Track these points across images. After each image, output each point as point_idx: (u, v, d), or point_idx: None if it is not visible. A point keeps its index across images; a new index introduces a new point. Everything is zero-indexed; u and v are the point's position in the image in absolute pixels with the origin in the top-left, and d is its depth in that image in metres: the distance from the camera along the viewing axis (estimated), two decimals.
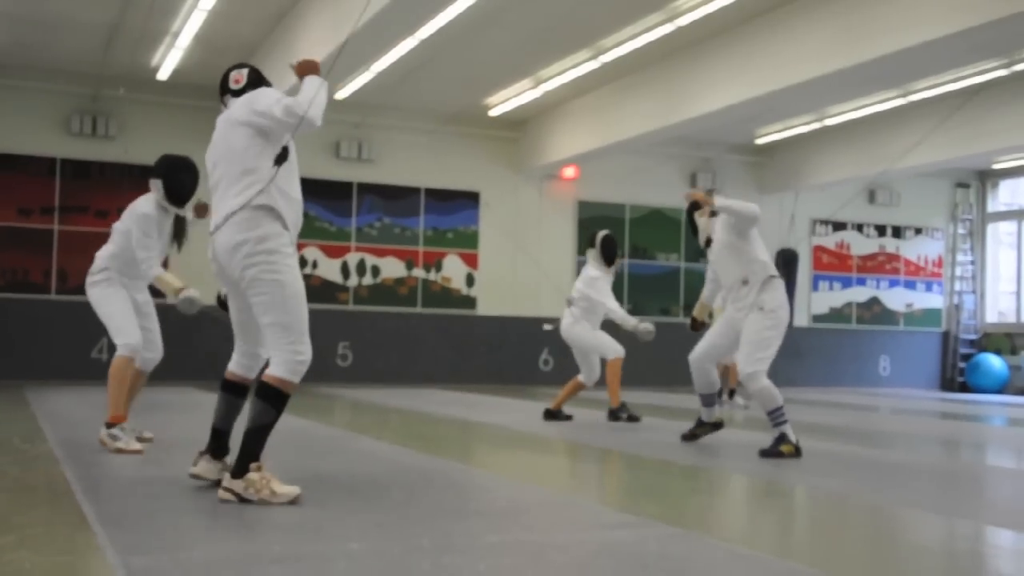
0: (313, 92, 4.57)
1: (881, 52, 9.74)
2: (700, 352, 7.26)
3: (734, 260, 6.91)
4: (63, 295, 13.77)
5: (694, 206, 7.19)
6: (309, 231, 15.12)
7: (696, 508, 5.03)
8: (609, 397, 9.26)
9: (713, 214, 7.05)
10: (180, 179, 6.37)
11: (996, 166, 18.33)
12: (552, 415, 9.31)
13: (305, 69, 4.75)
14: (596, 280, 9.19)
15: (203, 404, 10.46)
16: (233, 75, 4.93)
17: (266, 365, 4.68)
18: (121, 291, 6.42)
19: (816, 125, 15.64)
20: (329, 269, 15.22)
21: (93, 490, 4.71)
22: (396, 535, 3.91)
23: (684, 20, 11.00)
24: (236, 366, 4.90)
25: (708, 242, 7.09)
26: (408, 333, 15.48)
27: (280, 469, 4.95)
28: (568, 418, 9.29)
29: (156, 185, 6.31)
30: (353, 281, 15.37)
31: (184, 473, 5.18)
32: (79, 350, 13.57)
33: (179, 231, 6.60)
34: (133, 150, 14.07)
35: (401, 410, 10.55)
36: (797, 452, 6.70)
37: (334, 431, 8.29)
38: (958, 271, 19.19)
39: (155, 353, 6.73)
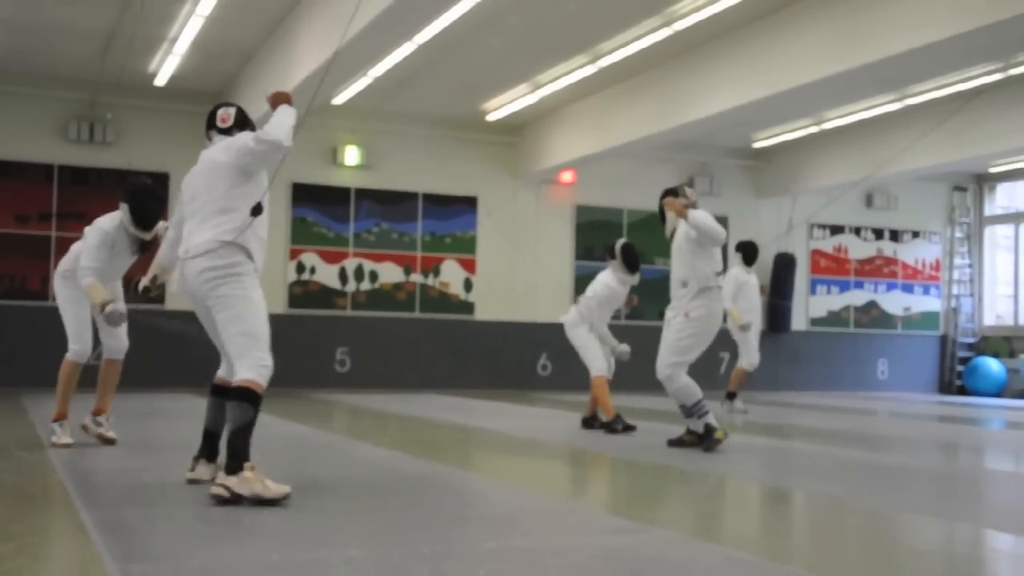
0: (282, 118, 4.96)
1: (877, 56, 9.75)
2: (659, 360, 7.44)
3: (683, 262, 7.32)
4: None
5: (669, 192, 7.53)
6: (307, 237, 15.13)
7: (694, 513, 5.03)
8: (603, 411, 9.01)
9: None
10: (147, 207, 6.68)
11: (993, 169, 18.35)
12: (588, 423, 9.12)
13: (278, 100, 5.10)
14: (611, 295, 9.04)
15: (200, 410, 10.45)
16: (220, 113, 5.27)
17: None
18: (76, 292, 6.91)
19: (813, 129, 15.65)
20: (327, 275, 15.21)
21: (91, 497, 4.70)
22: (395, 541, 3.90)
23: (681, 25, 11.00)
24: (224, 372, 5.24)
25: (672, 235, 7.45)
26: (406, 338, 15.47)
27: (279, 475, 4.93)
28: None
29: (124, 208, 6.66)
30: (351, 286, 15.36)
31: (182, 479, 5.18)
32: None
33: (144, 248, 6.95)
34: (131, 156, 14.07)
35: (400, 416, 10.54)
36: (725, 435, 7.24)
37: (333, 437, 8.28)
38: (956, 274, 19.20)
39: (120, 343, 7.15)
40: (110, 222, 6.75)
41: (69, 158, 13.98)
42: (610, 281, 9.04)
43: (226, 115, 5.24)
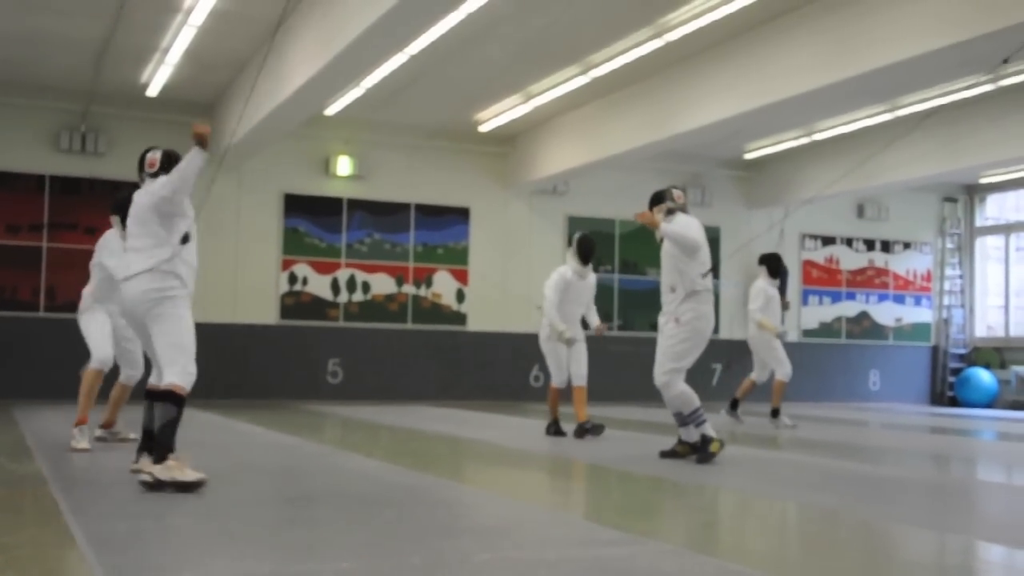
0: (186, 164, 5.63)
1: (869, 67, 9.79)
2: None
3: (670, 267, 7.35)
4: (52, 312, 13.71)
5: (656, 197, 7.49)
6: (299, 247, 15.11)
7: (687, 524, 5.02)
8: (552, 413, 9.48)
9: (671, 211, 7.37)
10: None
11: (983, 180, 18.42)
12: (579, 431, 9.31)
13: (194, 138, 5.65)
14: (565, 284, 9.11)
15: (191, 421, 10.42)
16: (148, 158, 5.95)
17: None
18: (101, 315, 7.52)
19: (805, 140, 15.70)
20: (319, 285, 15.19)
21: (82, 510, 4.68)
22: (387, 553, 3.89)
23: (673, 36, 11.04)
24: (155, 379, 5.81)
25: (662, 240, 7.40)
26: (398, 349, 15.45)
27: (270, 486, 4.93)
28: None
29: (115, 221, 7.30)
30: (343, 297, 15.34)
31: (174, 493, 5.17)
32: (68, 368, 13.42)
33: None
34: (123, 167, 14.05)
35: (391, 427, 10.52)
36: (722, 445, 7.20)
37: (324, 448, 8.26)
38: (947, 285, 19.26)
39: (136, 370, 7.79)
40: (111, 233, 7.48)
41: (60, 168, 13.96)
42: (564, 271, 9.18)
43: (153, 159, 5.93)
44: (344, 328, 15.24)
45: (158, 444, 5.41)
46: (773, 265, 11.65)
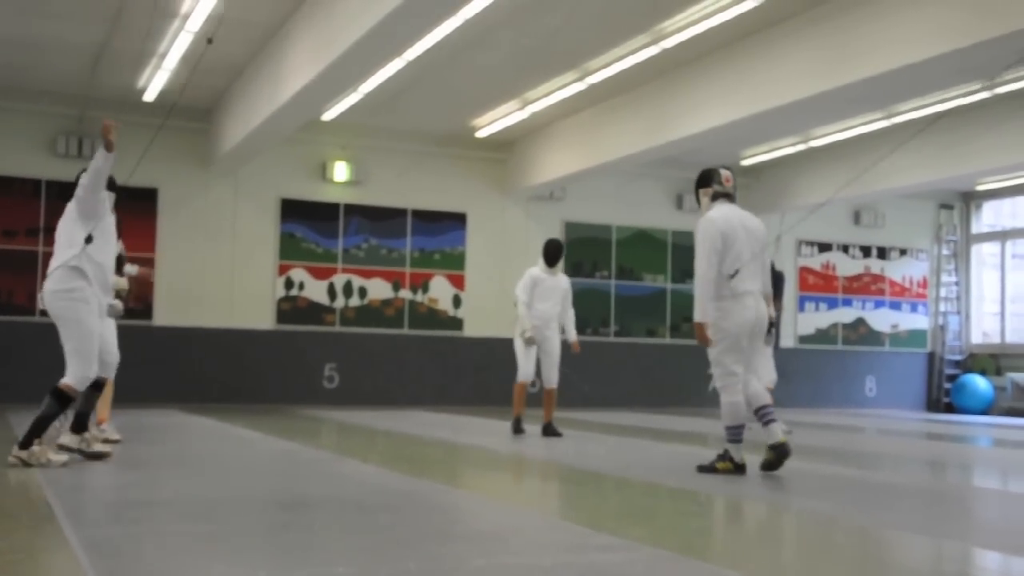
0: (92, 166, 6.29)
1: (864, 74, 9.81)
2: None
3: None
4: (47, 317, 13.66)
5: (702, 180, 6.95)
6: (296, 252, 15.11)
7: (683, 531, 5.02)
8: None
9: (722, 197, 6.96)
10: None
11: (979, 187, 18.45)
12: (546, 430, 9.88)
13: (102, 133, 6.31)
14: (533, 282, 9.78)
15: (189, 425, 10.41)
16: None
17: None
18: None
19: (801, 146, 15.72)
20: (316, 290, 15.18)
21: (76, 515, 4.67)
22: (382, 559, 3.88)
23: (670, 42, 11.06)
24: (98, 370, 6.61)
25: None
26: (395, 355, 15.44)
27: (266, 491, 4.93)
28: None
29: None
30: (340, 302, 15.34)
31: (170, 495, 5.16)
32: (62, 373, 13.45)
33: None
34: (119, 172, 14.02)
35: (388, 432, 10.51)
36: (736, 470, 6.83)
37: (320, 453, 8.25)
38: (943, 292, 19.28)
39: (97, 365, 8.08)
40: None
41: (57, 173, 13.94)
42: (533, 270, 9.84)
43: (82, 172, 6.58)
44: (340, 333, 15.23)
45: (31, 431, 6.26)
46: (777, 285, 11.43)
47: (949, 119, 13.28)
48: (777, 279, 14.61)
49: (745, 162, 17.01)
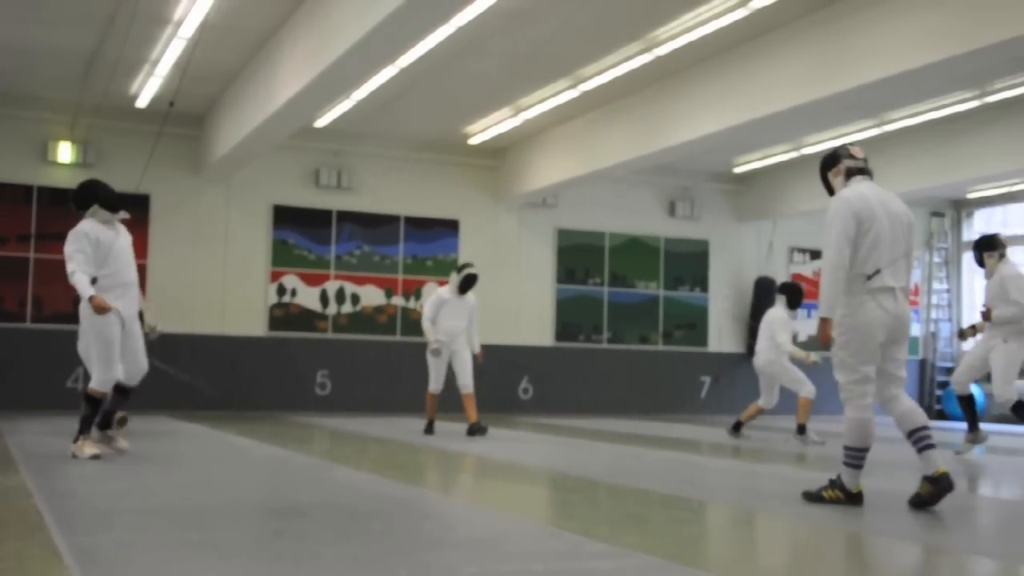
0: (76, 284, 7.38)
1: (857, 82, 9.84)
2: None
3: None
4: (38, 324, 13.66)
5: (829, 162, 6.19)
6: (288, 259, 15.09)
7: (676, 538, 5.01)
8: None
9: None
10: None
11: (971, 195, 18.50)
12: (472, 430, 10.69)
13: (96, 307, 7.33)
14: (440, 302, 10.66)
15: (180, 432, 10.38)
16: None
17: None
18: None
19: (794, 154, 15.76)
20: (308, 297, 15.17)
21: (67, 523, 4.65)
22: (374, 566, 3.87)
23: (663, 50, 11.09)
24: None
25: None
26: (387, 361, 15.42)
27: (257, 498, 4.91)
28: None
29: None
30: (332, 309, 15.32)
31: (162, 503, 5.14)
32: (54, 380, 13.45)
33: None
34: (112, 177, 14.00)
35: (380, 439, 10.50)
36: (848, 500, 5.78)
37: (312, 460, 8.23)
38: (934, 299, 19.32)
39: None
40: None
41: (49, 179, 13.92)
42: (442, 291, 10.79)
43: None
44: (333, 340, 15.21)
45: (77, 430, 7.31)
46: (795, 297, 11.35)
47: (940, 127, 13.34)
48: (769, 288, 14.60)
49: (737, 169, 17.05)
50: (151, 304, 8.34)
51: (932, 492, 5.65)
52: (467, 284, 10.69)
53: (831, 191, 6.12)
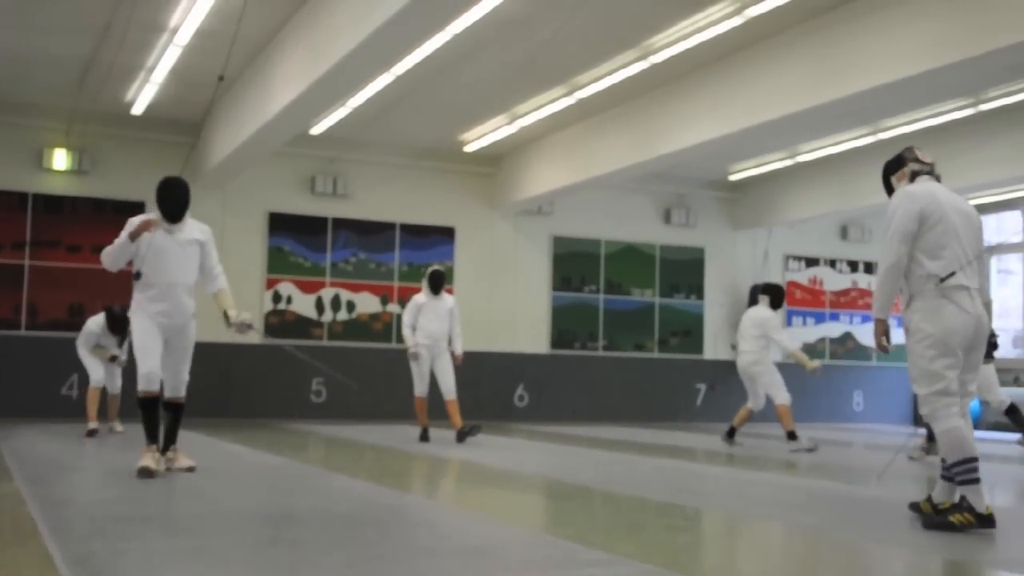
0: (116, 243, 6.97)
1: (851, 90, 9.86)
2: None
3: None
4: (33, 331, 13.62)
5: (893, 166, 5.82)
6: (283, 266, 15.08)
7: (671, 545, 5.01)
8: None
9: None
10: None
11: None
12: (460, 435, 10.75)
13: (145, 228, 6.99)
14: (416, 307, 10.84)
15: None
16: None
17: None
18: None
19: (789, 162, 15.78)
20: (303, 304, 15.15)
21: (60, 530, 4.63)
22: (368, 573, 3.86)
23: (658, 58, 11.10)
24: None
25: None
26: (383, 369, 15.39)
27: (252, 506, 4.90)
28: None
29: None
30: (328, 316, 15.31)
31: (156, 511, 5.13)
32: (48, 387, 13.41)
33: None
34: (107, 185, 14.02)
35: (375, 446, 10.48)
36: (980, 523, 5.15)
37: (307, 468, 8.22)
38: None
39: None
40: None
41: (44, 186, 13.90)
42: (418, 296, 10.90)
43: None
44: (328, 347, 15.19)
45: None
46: (777, 297, 11.41)
47: (935, 135, 13.35)
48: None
49: (733, 177, 17.07)
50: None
51: (927, 518, 5.44)
52: (435, 281, 10.78)
53: (889, 190, 5.79)
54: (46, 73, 12.45)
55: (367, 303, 15.50)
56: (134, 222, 6.98)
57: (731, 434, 11.42)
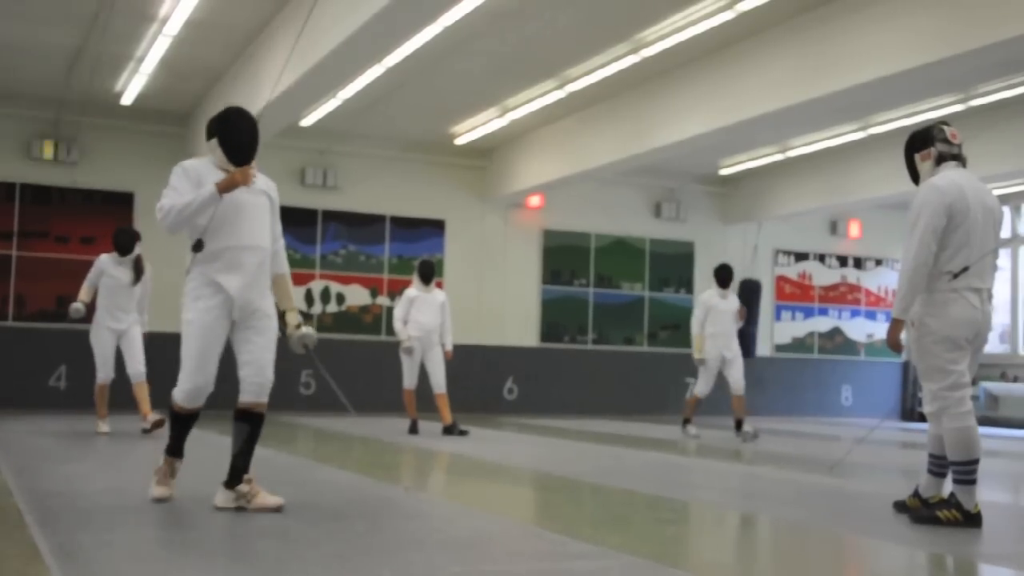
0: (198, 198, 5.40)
1: (842, 85, 9.88)
2: None
3: None
4: (21, 322, 13.56)
5: (917, 142, 5.55)
6: None
7: (660, 538, 5.01)
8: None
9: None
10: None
11: None
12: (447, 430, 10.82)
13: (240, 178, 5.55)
14: (409, 299, 10.90)
15: (161, 431, 10.31)
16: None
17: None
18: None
19: (779, 156, 15.80)
20: (293, 296, 15.09)
21: (47, 522, 4.62)
22: (358, 566, 3.86)
23: (649, 51, 11.10)
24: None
25: None
26: (373, 361, 15.37)
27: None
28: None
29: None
30: (317, 308, 15.28)
31: (143, 502, 5.11)
32: (37, 378, 13.36)
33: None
34: (96, 175, 13.96)
35: (364, 439, 10.48)
36: (967, 521, 5.13)
37: (296, 460, 8.21)
38: None
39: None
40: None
41: (32, 177, 13.83)
42: (409, 291, 10.98)
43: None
44: (318, 339, 15.13)
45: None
46: (724, 277, 11.78)
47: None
48: (754, 288, 14.67)
49: (723, 171, 17.08)
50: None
51: (916, 512, 5.45)
52: (425, 271, 10.87)
53: (915, 176, 5.55)
54: (34, 63, 12.38)
55: (357, 295, 15.48)
56: (205, 173, 5.43)
57: (739, 427, 11.45)
